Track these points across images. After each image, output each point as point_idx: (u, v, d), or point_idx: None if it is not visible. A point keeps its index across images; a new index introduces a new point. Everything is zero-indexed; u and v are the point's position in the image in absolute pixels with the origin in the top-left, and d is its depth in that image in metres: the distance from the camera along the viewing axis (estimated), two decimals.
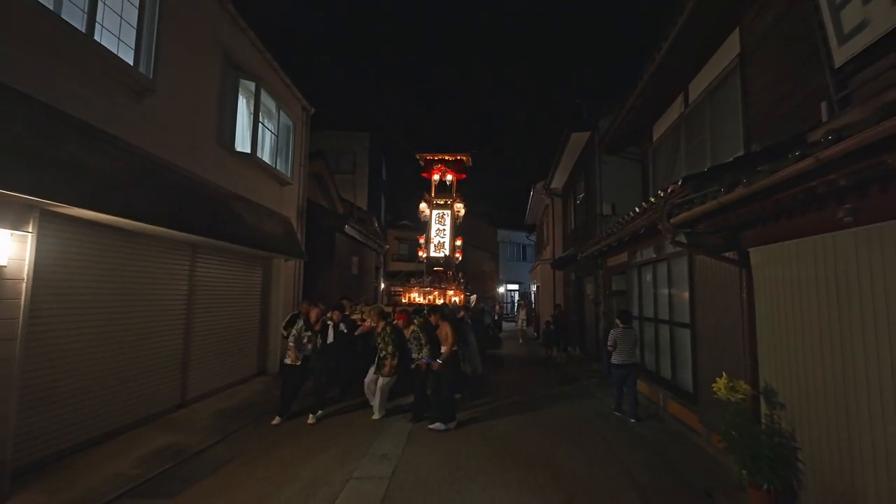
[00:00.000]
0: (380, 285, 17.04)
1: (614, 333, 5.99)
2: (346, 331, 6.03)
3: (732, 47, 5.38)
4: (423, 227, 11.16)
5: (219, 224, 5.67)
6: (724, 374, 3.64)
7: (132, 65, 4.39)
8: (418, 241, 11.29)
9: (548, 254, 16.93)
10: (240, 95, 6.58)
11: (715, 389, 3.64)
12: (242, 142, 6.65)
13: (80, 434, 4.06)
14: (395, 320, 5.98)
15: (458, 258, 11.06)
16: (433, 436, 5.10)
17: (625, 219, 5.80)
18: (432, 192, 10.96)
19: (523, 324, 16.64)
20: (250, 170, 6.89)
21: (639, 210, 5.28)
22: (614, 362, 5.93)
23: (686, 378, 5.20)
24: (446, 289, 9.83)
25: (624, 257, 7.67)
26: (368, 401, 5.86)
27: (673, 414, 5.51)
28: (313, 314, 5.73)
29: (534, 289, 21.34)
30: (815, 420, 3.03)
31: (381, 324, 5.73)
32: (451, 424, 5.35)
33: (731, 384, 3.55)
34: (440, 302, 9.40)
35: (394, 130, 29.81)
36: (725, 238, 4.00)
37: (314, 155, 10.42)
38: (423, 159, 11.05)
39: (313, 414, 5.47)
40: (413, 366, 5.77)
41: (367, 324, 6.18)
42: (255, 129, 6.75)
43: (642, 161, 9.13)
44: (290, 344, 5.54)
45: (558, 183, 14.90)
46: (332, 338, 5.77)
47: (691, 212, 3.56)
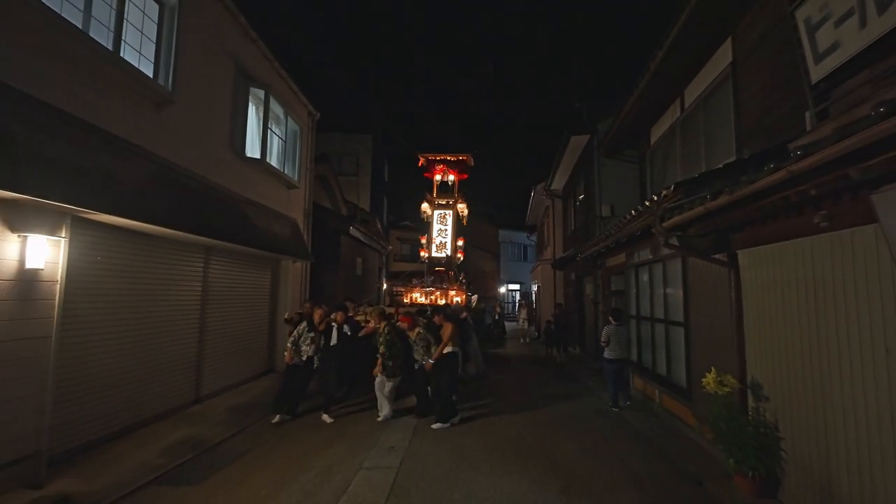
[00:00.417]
0: (382, 285, 17.30)
1: (608, 330, 6.31)
2: (349, 333, 6.17)
3: (725, 56, 5.58)
4: (425, 227, 11.21)
5: (231, 227, 5.92)
6: (713, 369, 3.87)
7: (152, 77, 4.63)
8: (420, 241, 11.37)
9: (548, 254, 17.14)
10: (250, 103, 6.82)
11: (704, 384, 3.87)
12: (252, 147, 6.88)
13: (107, 426, 4.31)
14: (397, 321, 6.12)
15: (459, 258, 11.14)
16: (438, 430, 5.33)
17: (623, 221, 6.02)
18: (434, 192, 10.99)
19: (525, 323, 16.84)
20: (260, 174, 7.13)
21: (635, 213, 5.50)
22: (607, 357, 6.25)
23: (680, 374, 5.43)
24: (448, 289, 9.96)
25: (622, 258, 7.88)
26: (378, 400, 5.93)
27: (668, 409, 5.73)
28: (317, 315, 5.88)
29: (534, 289, 21.55)
30: (796, 411, 3.25)
31: (383, 325, 5.82)
32: (455, 419, 5.53)
33: (719, 378, 3.78)
34: (442, 302, 9.60)
35: (396, 132, 29.96)
36: (715, 241, 4.22)
37: (319, 158, 10.66)
38: (424, 159, 11.08)
39: (326, 413, 5.66)
40: (416, 366, 5.86)
41: (371, 325, 6.29)
42: (264, 136, 6.99)
43: (640, 163, 9.33)
44: (288, 345, 5.74)
45: (558, 184, 15.12)
46: (335, 339, 5.93)
47: (682, 216, 3.78)
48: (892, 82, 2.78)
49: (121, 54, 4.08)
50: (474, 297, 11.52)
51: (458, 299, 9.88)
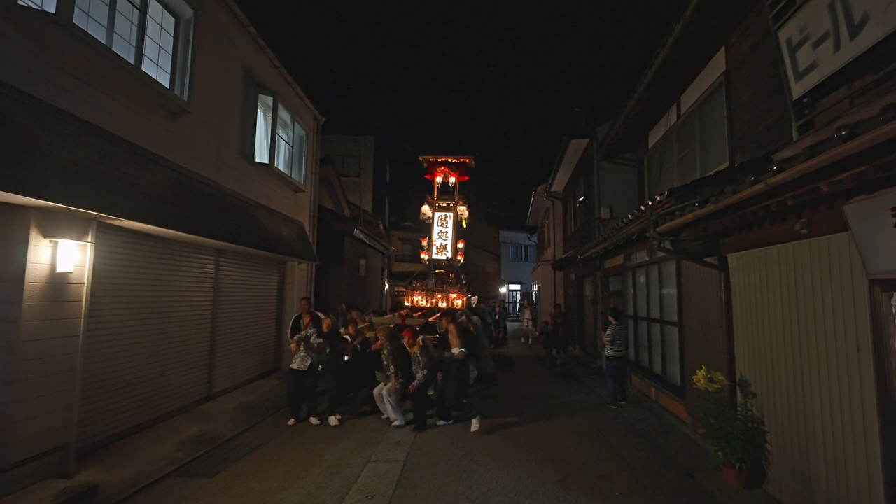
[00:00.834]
0: (385, 286, 17.49)
1: (612, 329, 6.53)
2: (359, 347, 6.13)
3: (719, 65, 5.77)
4: (426, 228, 11.31)
5: (242, 231, 6.13)
6: (703, 367, 4.08)
7: (169, 88, 4.85)
8: (421, 243, 11.40)
9: (549, 255, 17.34)
10: (258, 109, 7.04)
11: (695, 381, 4.08)
12: (260, 153, 7.10)
13: (127, 421, 4.52)
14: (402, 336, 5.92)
15: (460, 260, 11.18)
16: (442, 426, 5.53)
17: (620, 224, 6.23)
18: (435, 194, 10.95)
19: (528, 324, 16.97)
20: (268, 179, 7.35)
21: (631, 217, 5.71)
22: (611, 355, 6.48)
23: (674, 373, 5.63)
24: (449, 291, 10.06)
25: (620, 260, 8.09)
26: (379, 408, 5.88)
27: (663, 406, 5.94)
28: (325, 324, 5.87)
29: (535, 289, 21.75)
30: (780, 406, 3.45)
31: (387, 343, 5.72)
32: (476, 419, 5.39)
33: (709, 376, 3.99)
34: (443, 304, 9.75)
35: (398, 133, 30.16)
36: (706, 245, 4.43)
37: (323, 160, 10.85)
38: (426, 161, 11.06)
39: (334, 416, 5.63)
40: (416, 382, 5.62)
41: (380, 342, 6.10)
42: (272, 141, 7.20)
43: (638, 166, 9.54)
44: (302, 351, 5.64)
45: (559, 186, 15.32)
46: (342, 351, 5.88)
47: (674, 222, 3.99)
48: (867, 99, 3.00)
49: (142, 68, 4.29)
50: (474, 298, 11.64)
51: (460, 302, 9.98)
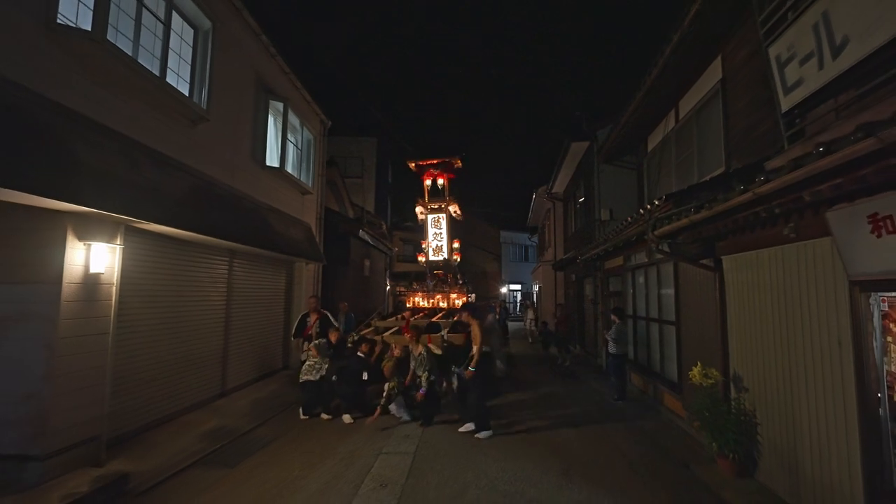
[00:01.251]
0: (387, 286, 17.70)
1: (616, 328, 6.80)
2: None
3: (716, 72, 5.98)
4: (423, 230, 11.41)
5: (255, 232, 6.35)
6: (698, 363, 4.30)
7: (188, 96, 5.07)
8: (421, 245, 11.51)
9: (549, 255, 17.56)
10: (269, 115, 7.25)
11: (691, 376, 4.30)
12: (271, 157, 7.31)
13: (149, 415, 4.74)
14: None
15: (456, 260, 11.32)
16: (450, 421, 5.74)
17: (619, 227, 6.44)
18: (426, 196, 11.10)
19: (531, 324, 17.14)
20: (278, 182, 7.56)
21: (630, 220, 5.93)
22: (614, 353, 6.76)
23: (672, 370, 5.85)
24: (449, 292, 10.21)
25: (620, 261, 8.30)
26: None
27: (662, 402, 6.15)
28: (333, 336, 6.04)
29: (536, 289, 21.96)
30: (769, 400, 3.67)
31: (419, 347, 5.67)
32: (485, 434, 5.10)
33: (704, 371, 4.21)
34: (444, 304, 9.91)
35: (400, 135, 30.38)
36: (702, 247, 4.64)
37: (328, 163, 11.06)
38: (415, 165, 11.16)
39: (348, 414, 5.80)
40: (418, 381, 5.65)
41: (397, 351, 6.11)
42: (283, 146, 7.42)
43: (638, 169, 9.75)
44: (312, 351, 5.79)
45: (559, 187, 15.54)
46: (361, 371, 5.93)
47: (671, 226, 4.20)
48: (850, 113, 3.21)
49: (166, 79, 4.51)
50: (471, 297, 11.73)
51: (460, 301, 10.13)
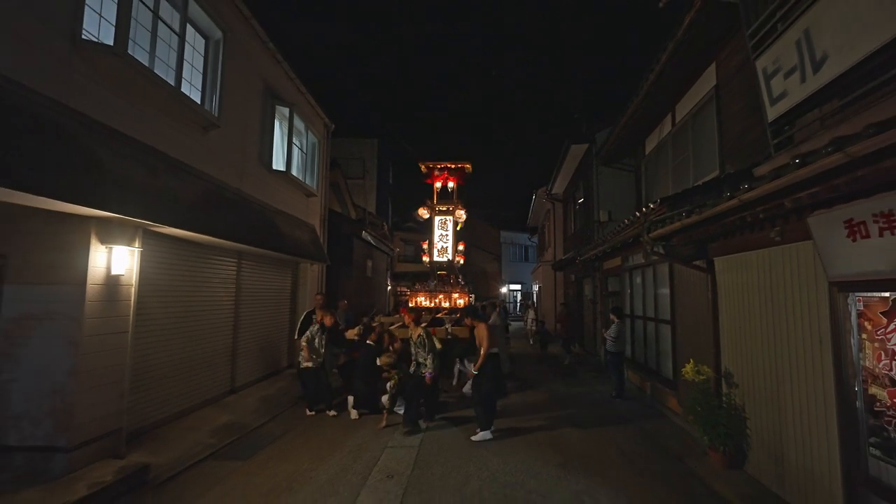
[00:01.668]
0: (388, 286, 17.89)
1: (615, 327, 6.99)
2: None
3: (710, 78, 6.16)
4: (427, 230, 11.61)
5: (263, 234, 6.54)
6: (691, 360, 4.48)
7: (200, 104, 5.25)
8: (422, 247, 11.72)
9: (549, 256, 17.75)
10: (275, 120, 7.44)
11: (684, 373, 4.49)
12: (277, 161, 7.50)
13: (164, 411, 4.93)
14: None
15: (460, 262, 11.56)
16: (453, 417, 5.93)
17: (617, 228, 6.63)
18: (434, 198, 11.33)
19: (533, 324, 17.26)
20: (284, 185, 7.75)
21: (627, 222, 6.11)
22: (613, 351, 6.95)
23: (668, 367, 6.03)
24: (451, 292, 10.43)
25: (618, 261, 8.49)
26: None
27: (658, 398, 6.34)
28: (328, 320, 6.20)
29: (536, 289, 22.15)
30: (758, 395, 3.86)
31: (418, 330, 5.66)
32: (488, 434, 5.09)
33: (696, 368, 4.39)
34: (446, 304, 10.11)
35: (401, 136, 30.62)
36: (695, 249, 4.83)
37: (331, 165, 11.24)
38: (426, 167, 11.45)
39: (355, 409, 5.97)
40: (412, 370, 5.64)
41: (398, 345, 6.19)
42: (288, 150, 7.61)
43: (636, 172, 9.92)
44: (303, 344, 5.95)
45: (559, 188, 15.73)
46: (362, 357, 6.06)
47: (665, 229, 4.39)
48: (832, 123, 3.40)
49: (182, 89, 4.70)
50: (471, 298, 11.90)
51: (461, 301, 10.34)
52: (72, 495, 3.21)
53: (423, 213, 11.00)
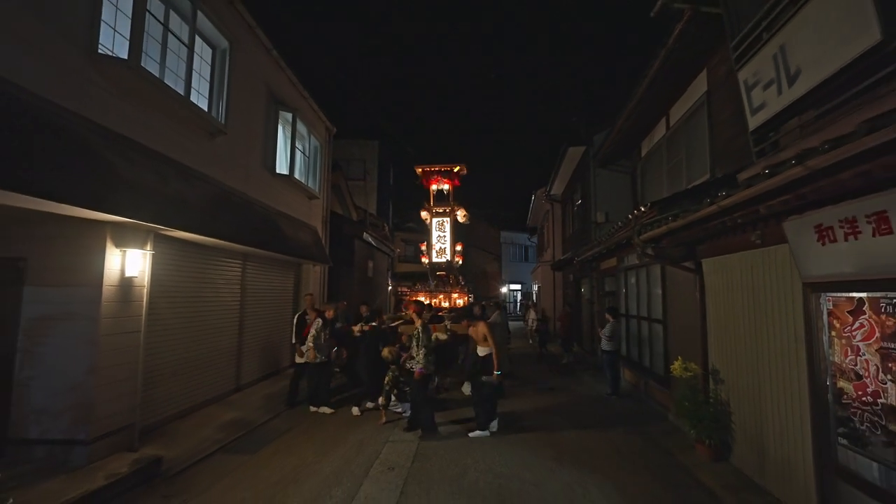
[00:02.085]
0: (389, 286, 18.08)
1: (610, 326, 7.17)
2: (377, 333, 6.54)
3: (702, 84, 6.34)
4: (426, 231, 11.82)
5: (267, 237, 6.73)
6: (679, 357, 4.67)
7: (207, 111, 5.45)
8: (420, 247, 11.91)
9: (548, 256, 17.93)
10: (279, 125, 7.64)
11: (672, 369, 4.67)
12: (280, 165, 7.71)
13: (174, 407, 5.13)
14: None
15: (458, 262, 11.76)
16: (451, 413, 6.11)
17: (611, 230, 6.82)
18: (431, 201, 11.55)
19: (534, 323, 17.37)
20: (288, 188, 7.96)
21: (621, 224, 6.30)
22: (608, 349, 7.13)
23: (660, 365, 6.22)
24: (450, 292, 10.62)
25: (614, 262, 8.67)
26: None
27: (651, 395, 6.53)
28: (329, 313, 6.40)
29: (535, 289, 22.34)
30: (741, 390, 4.05)
31: (419, 321, 5.63)
32: (486, 432, 5.18)
33: (684, 365, 4.59)
34: (446, 304, 10.29)
35: (402, 138, 30.87)
36: (684, 251, 5.01)
37: (333, 167, 11.43)
38: (421, 171, 11.64)
39: (357, 406, 6.17)
40: (409, 366, 5.55)
41: (405, 338, 6.30)
42: (292, 154, 7.81)
43: (632, 174, 10.11)
44: (309, 343, 6.06)
45: (558, 189, 15.91)
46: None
47: (654, 232, 4.58)
48: (813, 129, 3.58)
49: (190, 98, 4.90)
50: (471, 298, 12.07)
51: (461, 301, 10.53)
52: (91, 485, 3.41)
53: (425, 215, 11.22)
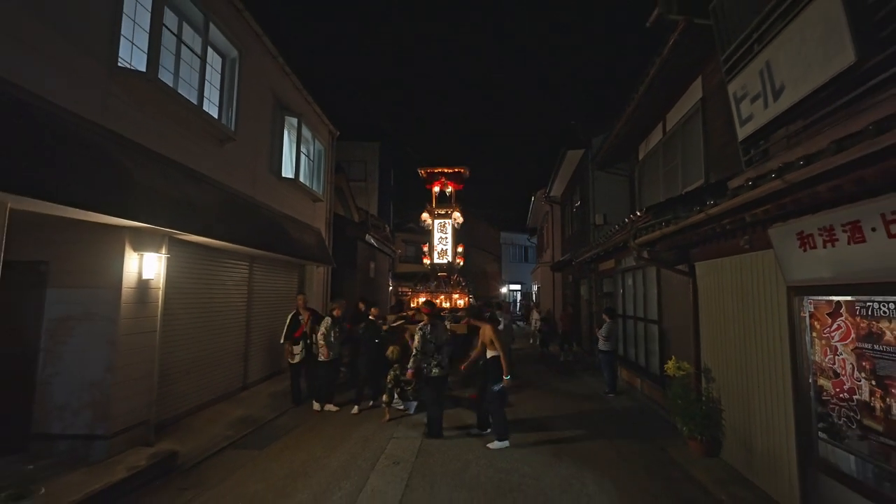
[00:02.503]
0: (389, 286, 18.26)
1: (607, 326, 7.34)
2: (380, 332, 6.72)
3: (697, 91, 6.51)
4: (428, 233, 12.01)
5: (274, 239, 6.92)
6: (672, 356, 4.86)
7: (217, 119, 5.63)
8: (422, 248, 12.08)
9: (547, 257, 18.13)
10: (285, 129, 7.82)
11: (666, 368, 4.86)
12: (286, 168, 7.88)
13: (185, 404, 5.32)
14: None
15: (459, 263, 11.94)
16: (453, 411, 6.29)
17: (609, 233, 7.01)
18: (433, 202, 11.70)
19: (537, 323, 17.51)
20: (293, 191, 8.14)
21: (618, 227, 6.49)
22: (605, 349, 7.31)
23: (656, 365, 6.41)
24: (451, 292, 10.80)
25: (612, 263, 8.86)
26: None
27: (646, 394, 6.72)
28: (336, 311, 6.54)
29: (535, 289, 22.52)
30: (732, 388, 4.23)
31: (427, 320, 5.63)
32: (505, 443, 4.93)
33: (677, 364, 4.77)
34: (447, 304, 10.47)
35: (402, 139, 31.05)
36: (678, 254, 5.20)
37: (335, 169, 11.62)
38: (424, 172, 11.82)
39: (358, 405, 6.27)
40: (425, 371, 5.41)
41: (407, 335, 6.46)
42: (297, 158, 7.99)
43: (630, 177, 10.29)
44: (321, 342, 6.19)
45: (557, 191, 16.11)
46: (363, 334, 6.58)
47: (648, 236, 4.76)
48: (798, 140, 3.77)
49: (203, 107, 5.08)
50: (471, 299, 12.24)
51: (461, 302, 10.71)
52: (113, 477, 3.59)
53: (426, 218, 11.39)
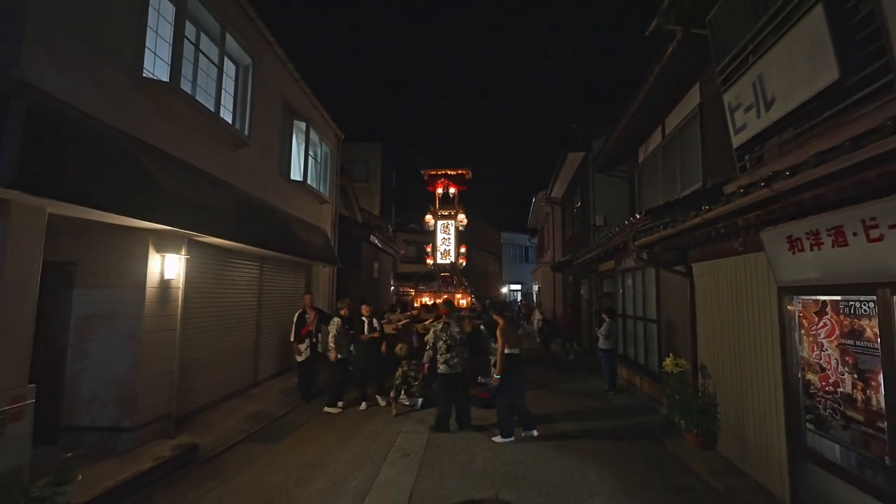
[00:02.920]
0: (391, 286, 18.47)
1: (606, 325, 7.54)
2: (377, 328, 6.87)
3: (695, 97, 6.72)
4: (430, 234, 12.22)
5: (283, 240, 7.12)
6: (671, 354, 5.06)
7: (232, 124, 5.84)
8: (425, 249, 12.29)
9: (548, 257, 18.33)
10: (293, 133, 8.03)
11: (665, 365, 5.07)
12: (294, 171, 8.09)
13: (202, 400, 5.52)
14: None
15: (462, 264, 12.16)
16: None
17: (609, 235, 7.21)
18: (437, 204, 11.81)
19: (539, 323, 17.68)
20: (301, 194, 8.34)
21: (618, 229, 6.69)
22: (605, 348, 7.50)
23: (654, 362, 6.61)
24: (454, 292, 11.03)
25: (612, 264, 9.06)
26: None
27: (645, 391, 6.93)
28: (344, 311, 6.64)
29: (535, 289, 22.73)
30: (726, 383, 4.44)
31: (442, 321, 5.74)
32: (508, 439, 5.01)
33: (675, 361, 4.98)
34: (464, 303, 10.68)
35: (404, 139, 31.24)
36: (676, 255, 5.40)
37: (340, 171, 11.82)
38: (427, 174, 12.00)
39: (365, 401, 6.50)
40: (439, 369, 5.53)
41: (420, 328, 6.81)
42: (305, 161, 8.19)
43: (630, 179, 10.50)
44: (331, 344, 6.31)
45: (558, 192, 16.31)
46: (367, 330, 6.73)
47: (647, 238, 4.97)
48: (790, 148, 3.97)
49: (219, 114, 5.28)
50: (472, 299, 12.46)
51: (464, 301, 10.93)
52: (140, 466, 3.80)
53: (429, 219, 11.61)
